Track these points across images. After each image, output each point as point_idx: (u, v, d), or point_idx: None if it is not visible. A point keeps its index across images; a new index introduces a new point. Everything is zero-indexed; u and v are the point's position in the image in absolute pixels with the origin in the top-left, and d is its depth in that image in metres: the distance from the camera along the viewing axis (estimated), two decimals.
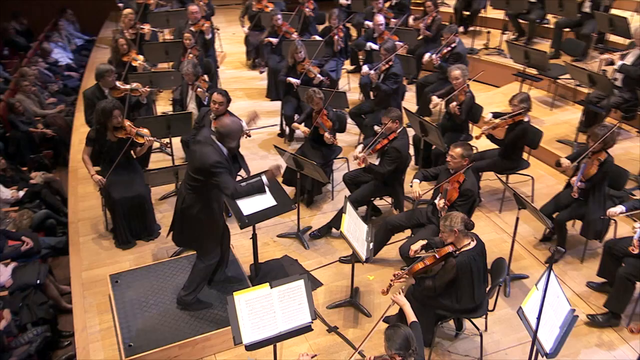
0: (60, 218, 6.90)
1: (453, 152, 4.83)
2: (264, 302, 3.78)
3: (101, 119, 5.38)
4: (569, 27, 8.68)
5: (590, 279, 5.20)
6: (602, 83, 6.53)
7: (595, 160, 5.07)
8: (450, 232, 4.02)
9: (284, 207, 4.80)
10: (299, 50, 7.03)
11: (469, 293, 4.13)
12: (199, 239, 4.59)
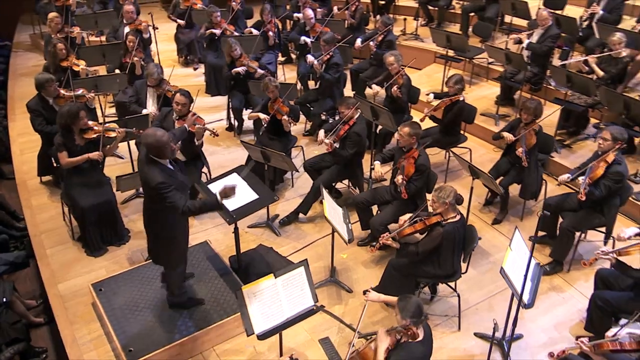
0: (13, 232, 6.38)
1: (402, 132, 4.97)
2: (271, 292, 3.75)
3: (67, 122, 5.00)
4: (474, 12, 9.06)
5: (531, 234, 5.53)
6: (516, 60, 6.91)
7: (531, 130, 5.38)
8: (441, 204, 4.15)
9: (267, 200, 4.73)
10: (234, 48, 6.88)
11: (450, 260, 4.32)
12: (160, 254, 4.30)
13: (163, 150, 3.84)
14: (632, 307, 4.09)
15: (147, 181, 3.88)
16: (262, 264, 5.14)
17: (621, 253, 3.99)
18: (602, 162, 4.62)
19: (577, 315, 4.68)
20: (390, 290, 4.62)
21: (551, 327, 4.59)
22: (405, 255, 4.40)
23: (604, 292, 4.22)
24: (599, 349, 3.48)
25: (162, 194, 3.80)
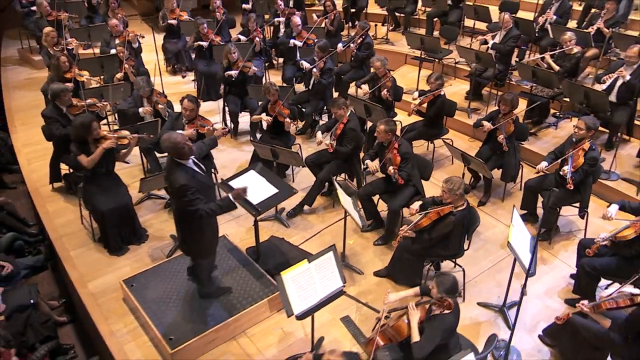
0: (27, 238, 6.18)
1: (379, 129, 5.12)
2: (306, 275, 3.80)
3: (81, 133, 4.88)
4: (438, 17, 9.28)
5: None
6: (485, 59, 7.14)
7: (509, 120, 5.59)
8: (452, 195, 4.26)
9: (287, 193, 4.75)
10: (233, 51, 6.84)
11: (458, 242, 4.46)
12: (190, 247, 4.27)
13: (181, 150, 3.84)
14: (615, 271, 4.36)
15: (172, 183, 3.89)
16: (277, 253, 5.16)
17: (617, 238, 4.20)
18: (581, 151, 4.85)
19: (563, 282, 4.91)
20: (399, 269, 4.78)
21: (542, 293, 4.81)
22: (420, 243, 4.51)
23: (591, 260, 4.44)
24: (598, 309, 3.69)
25: (184, 196, 3.80)
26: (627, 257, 4.26)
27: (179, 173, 3.81)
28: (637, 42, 6.44)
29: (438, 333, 3.43)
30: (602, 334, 3.74)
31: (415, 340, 3.45)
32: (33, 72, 9.02)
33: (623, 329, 3.63)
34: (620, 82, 6.24)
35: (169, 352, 4.03)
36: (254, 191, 4.58)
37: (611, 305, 3.64)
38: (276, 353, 4.27)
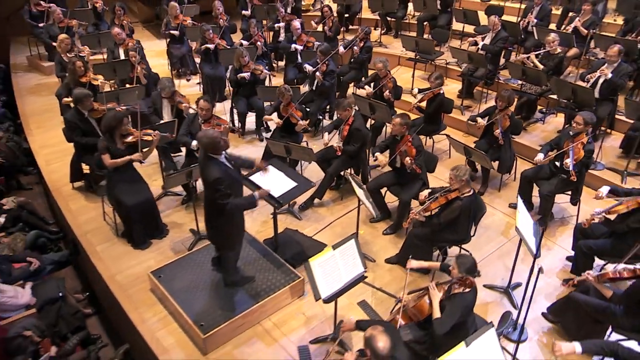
0: (49, 236, 6.17)
1: (394, 122, 5.18)
2: (331, 262, 3.88)
3: (112, 124, 4.92)
4: (427, 21, 9.41)
5: (509, 202, 5.91)
6: (477, 59, 7.28)
7: (505, 115, 5.72)
8: (459, 181, 4.36)
9: (305, 186, 4.80)
10: (245, 55, 6.87)
11: (465, 227, 4.56)
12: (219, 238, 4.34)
13: (216, 145, 3.90)
14: (610, 250, 4.51)
15: (206, 177, 3.94)
16: (293, 243, 5.23)
17: (610, 212, 4.36)
18: (579, 144, 4.99)
19: (560, 264, 5.06)
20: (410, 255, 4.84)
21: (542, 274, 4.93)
22: (429, 226, 4.61)
23: (587, 241, 4.60)
24: (602, 278, 3.83)
25: (217, 189, 3.85)
26: (620, 235, 4.41)
27: (213, 167, 3.86)
28: (616, 43, 6.63)
29: (458, 310, 3.53)
30: (603, 307, 3.88)
31: (436, 317, 3.55)
32: (43, 78, 8.93)
33: (623, 300, 3.76)
34: (602, 80, 6.42)
35: (201, 337, 4.07)
36: (275, 185, 4.64)
37: (614, 276, 3.78)
38: (300, 336, 4.33)
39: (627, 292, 3.78)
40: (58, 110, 7.65)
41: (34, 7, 8.79)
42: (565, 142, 5.17)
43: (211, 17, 9.55)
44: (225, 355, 4.17)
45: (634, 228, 4.36)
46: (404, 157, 5.15)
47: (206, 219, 4.23)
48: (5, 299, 4.78)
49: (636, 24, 7.80)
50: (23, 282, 5.15)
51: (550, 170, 5.44)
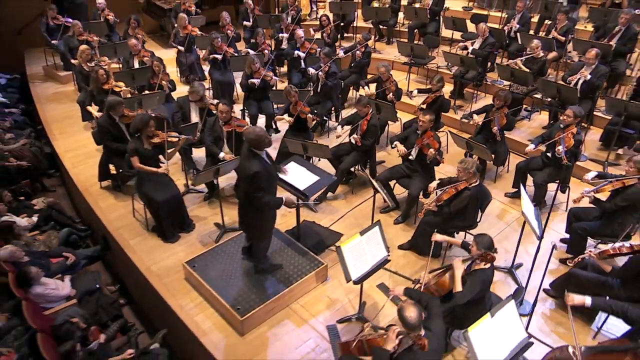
0: (79, 233, 6.20)
1: (424, 119, 5.29)
2: (359, 247, 4.00)
3: (139, 127, 4.99)
4: (417, 28, 9.60)
5: (505, 191, 6.10)
6: (469, 62, 7.48)
7: (502, 113, 5.91)
8: (466, 173, 4.52)
9: (327, 179, 4.92)
10: (256, 62, 6.96)
11: (473, 215, 4.73)
12: (253, 229, 4.46)
13: (261, 142, 4.03)
14: (601, 229, 4.72)
15: (246, 170, 4.02)
16: (312, 234, 5.33)
17: (598, 191, 4.57)
18: (570, 134, 5.20)
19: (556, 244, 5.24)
20: (422, 241, 5.01)
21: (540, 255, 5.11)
22: (440, 215, 4.75)
23: (581, 223, 4.80)
24: (603, 254, 4.00)
25: (254, 183, 3.96)
26: (609, 214, 4.62)
27: (254, 162, 3.97)
28: (592, 47, 6.87)
29: (478, 284, 3.67)
30: (602, 281, 4.07)
31: (458, 289, 3.69)
32: (60, 87, 8.88)
33: (621, 273, 3.96)
34: (582, 81, 6.67)
35: (239, 319, 4.16)
36: (299, 179, 4.76)
37: (614, 252, 3.95)
38: (327, 316, 4.45)
39: (624, 267, 3.98)
40: (77, 117, 7.67)
41: (51, 20, 8.74)
42: (557, 133, 5.37)
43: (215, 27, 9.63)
44: (261, 335, 4.27)
45: (622, 206, 4.56)
46: (426, 149, 5.25)
47: (240, 211, 4.33)
48: (49, 291, 4.83)
49: (607, 30, 8.08)
50: (61, 275, 5.20)
51: (542, 161, 5.65)
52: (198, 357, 4.37)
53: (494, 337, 3.23)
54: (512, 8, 9.00)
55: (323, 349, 4.16)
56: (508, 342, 3.31)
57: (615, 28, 7.71)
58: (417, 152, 5.36)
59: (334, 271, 4.89)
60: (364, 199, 5.88)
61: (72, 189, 6.59)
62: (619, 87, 7.77)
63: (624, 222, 4.60)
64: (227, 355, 4.09)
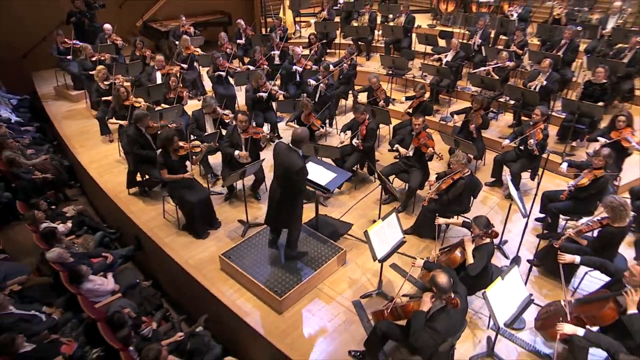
0: (110, 236, 6.24)
1: (417, 122, 5.66)
2: (382, 230, 4.31)
3: (165, 144, 5.15)
4: (392, 44, 10.03)
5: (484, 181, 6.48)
6: (443, 72, 7.94)
7: (478, 114, 6.36)
8: (459, 164, 4.90)
9: (344, 175, 5.19)
10: (262, 77, 7.19)
11: (467, 200, 5.11)
12: (290, 220, 4.68)
13: (303, 141, 4.32)
14: (573, 209, 5.19)
15: (291, 165, 4.23)
16: (327, 225, 5.56)
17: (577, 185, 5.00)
18: (539, 129, 5.69)
19: (532, 223, 5.65)
20: (423, 226, 5.36)
21: (519, 232, 5.53)
22: (440, 202, 5.09)
23: (555, 204, 5.26)
24: (579, 233, 4.45)
25: (299, 176, 4.20)
26: (581, 199, 5.11)
27: (298, 158, 4.23)
28: (545, 57, 7.45)
29: (485, 256, 4.02)
30: (578, 248, 4.53)
31: (470, 262, 4.05)
32: (72, 105, 8.80)
33: (596, 243, 4.41)
34: (539, 86, 7.24)
35: (278, 300, 4.39)
36: (319, 176, 5.02)
37: (588, 229, 4.42)
38: (351, 293, 4.72)
39: (596, 238, 4.43)
40: (93, 132, 7.70)
41: (61, 44, 8.70)
42: (528, 129, 5.85)
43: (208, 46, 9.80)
44: (297, 312, 4.51)
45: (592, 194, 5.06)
46: (425, 148, 5.57)
47: (278, 206, 4.53)
48: (97, 286, 4.92)
49: (554, 43, 8.74)
50: (103, 273, 5.27)
51: (515, 154, 6.12)
52: (239, 335, 4.57)
53: (505, 296, 3.61)
54: (473, 25, 9.57)
55: (352, 321, 4.43)
56: (516, 299, 3.70)
57: (561, 41, 8.37)
58: (414, 150, 5.72)
59: (351, 255, 5.18)
60: (366, 194, 6.29)
61: (99, 196, 6.59)
62: (567, 91, 8.41)
63: (591, 203, 5.11)
64: (270, 331, 4.30)
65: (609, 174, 5.02)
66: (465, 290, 3.63)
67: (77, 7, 9.21)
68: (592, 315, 3.62)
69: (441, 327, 3.39)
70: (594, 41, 8.63)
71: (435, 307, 3.43)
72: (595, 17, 9.74)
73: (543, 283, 4.84)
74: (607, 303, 3.60)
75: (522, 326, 4.30)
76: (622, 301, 3.56)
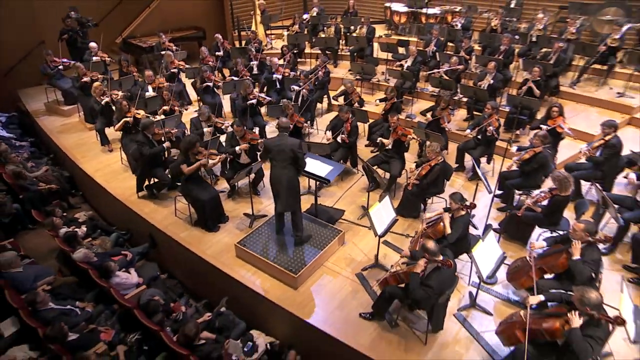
0: (124, 237, 6.33)
1: (393, 119, 6.16)
2: (379, 210, 4.74)
3: (187, 147, 5.36)
4: (357, 52, 10.54)
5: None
6: (406, 75, 8.52)
7: (447, 111, 6.96)
8: (434, 152, 5.43)
9: (339, 168, 5.58)
10: (250, 86, 7.46)
11: (442, 183, 5.66)
12: (296, 201, 5.05)
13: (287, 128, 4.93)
14: (523, 183, 5.86)
15: (291, 143, 4.70)
16: (323, 212, 5.90)
17: (521, 159, 5.68)
18: (494, 120, 6.35)
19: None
20: (405, 207, 5.85)
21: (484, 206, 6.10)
22: (420, 186, 5.58)
23: (510, 181, 5.91)
24: (536, 202, 5.09)
25: (301, 150, 4.65)
26: (528, 174, 5.79)
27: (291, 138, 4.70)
28: (490, 61, 8.20)
29: (461, 226, 4.53)
30: (534, 216, 5.18)
31: (448, 232, 4.57)
32: (65, 120, 8.66)
33: (547, 209, 5.07)
34: (487, 84, 7.97)
35: (294, 277, 4.73)
36: (318, 169, 5.40)
37: (542, 198, 5.05)
38: (352, 268, 5.13)
39: (547, 205, 5.09)
40: (91, 144, 7.74)
41: (50, 63, 8.55)
42: (484, 120, 6.51)
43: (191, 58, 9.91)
44: (309, 287, 4.86)
45: (535, 168, 5.76)
46: (403, 137, 6.04)
47: (288, 191, 4.87)
48: (124, 280, 5.08)
49: (495, 48, 9.55)
50: (125, 269, 5.40)
51: (475, 142, 6.77)
52: (257, 311, 4.88)
53: (485, 254, 4.16)
54: (425, 34, 10.26)
55: (357, 290, 4.85)
56: (493, 257, 4.26)
57: (500, 47, 9.19)
58: (393, 142, 6.23)
59: (348, 236, 5.57)
60: (352, 184, 6.72)
61: (107, 201, 6.62)
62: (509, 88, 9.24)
63: (537, 178, 5.82)
64: (289, 304, 4.63)
65: (545, 150, 5.73)
66: (452, 254, 4.15)
67: (67, 25, 9.05)
68: (551, 265, 4.23)
69: (434, 283, 3.88)
70: (524, 46, 9.53)
71: (430, 268, 3.92)
72: (522, 26, 10.70)
73: (508, 246, 5.44)
74: (561, 254, 4.22)
75: (495, 281, 4.89)
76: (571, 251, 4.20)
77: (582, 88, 8.79)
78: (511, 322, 3.70)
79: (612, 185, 6.08)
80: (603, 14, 10.02)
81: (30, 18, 9.62)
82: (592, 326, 3.20)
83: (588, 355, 3.11)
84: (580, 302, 3.25)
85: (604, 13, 10.01)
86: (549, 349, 3.39)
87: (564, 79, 8.97)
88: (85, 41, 9.30)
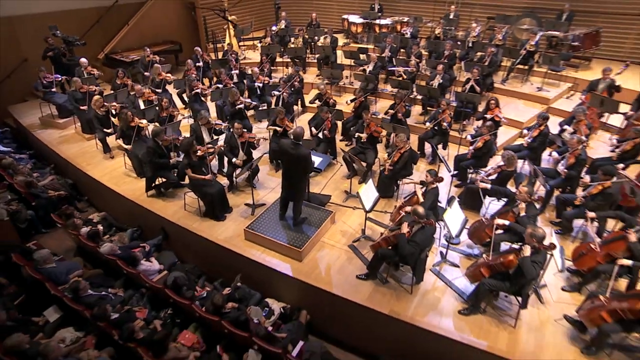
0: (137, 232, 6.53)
1: (367, 116, 6.78)
2: (366, 191, 5.31)
3: (187, 148, 5.69)
4: (322, 59, 11.08)
5: None
6: (370, 78, 9.18)
7: (402, 106, 7.66)
8: (402, 142, 6.07)
9: (328, 159, 6.15)
10: (237, 93, 7.81)
11: (411, 167, 6.31)
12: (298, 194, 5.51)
13: (302, 136, 5.13)
14: (476, 164, 6.66)
15: (301, 155, 5.01)
16: (314, 197, 6.34)
17: (476, 146, 6.48)
18: (447, 115, 7.12)
19: (448, 178, 7.00)
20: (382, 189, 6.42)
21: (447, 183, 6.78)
22: (392, 171, 6.20)
23: (464, 162, 6.69)
24: (488, 176, 5.86)
25: (308, 162, 5.05)
26: (479, 157, 6.61)
27: (302, 148, 5.03)
28: (439, 63, 9.02)
29: (432, 197, 5.18)
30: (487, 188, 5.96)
31: (421, 201, 5.23)
32: (62, 132, 8.56)
33: (496, 181, 5.85)
34: (437, 84, 8.79)
35: (299, 251, 5.21)
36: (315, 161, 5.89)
37: (493, 173, 5.83)
38: (345, 241, 5.67)
39: (496, 178, 5.88)
40: (92, 152, 7.77)
41: (44, 79, 8.44)
42: (439, 114, 7.28)
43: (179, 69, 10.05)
44: (312, 259, 5.35)
45: (484, 152, 6.59)
46: (376, 133, 6.61)
47: (294, 186, 5.32)
48: (149, 267, 5.39)
49: (440, 53, 10.42)
50: (146, 258, 5.66)
51: (432, 132, 7.53)
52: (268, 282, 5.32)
53: (453, 218, 4.86)
54: (381, 42, 10.98)
55: (351, 258, 5.41)
56: (458, 220, 4.97)
57: (444, 52, 10.07)
58: (368, 136, 6.85)
59: (337, 216, 6.11)
60: (333, 173, 7.27)
61: (116, 202, 6.74)
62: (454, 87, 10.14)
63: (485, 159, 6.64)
64: (297, 274, 5.12)
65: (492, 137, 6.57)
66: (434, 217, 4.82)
67: (50, 44, 8.93)
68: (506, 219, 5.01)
69: (419, 239, 4.52)
70: (463, 51, 10.48)
71: (417, 228, 4.56)
72: (460, 33, 11.69)
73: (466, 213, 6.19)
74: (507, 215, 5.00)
75: (458, 241, 5.62)
76: (516, 210, 4.98)
77: (510, 84, 9.82)
78: (476, 265, 4.43)
79: (539, 160, 7.04)
80: (521, 23, 11.19)
81: (11, 37, 9.38)
82: (535, 254, 4.01)
83: (533, 274, 3.98)
84: (531, 235, 4.03)
85: (522, 23, 11.19)
86: (503, 277, 4.17)
87: (496, 77, 9.98)
88: (73, 58, 9.21)
